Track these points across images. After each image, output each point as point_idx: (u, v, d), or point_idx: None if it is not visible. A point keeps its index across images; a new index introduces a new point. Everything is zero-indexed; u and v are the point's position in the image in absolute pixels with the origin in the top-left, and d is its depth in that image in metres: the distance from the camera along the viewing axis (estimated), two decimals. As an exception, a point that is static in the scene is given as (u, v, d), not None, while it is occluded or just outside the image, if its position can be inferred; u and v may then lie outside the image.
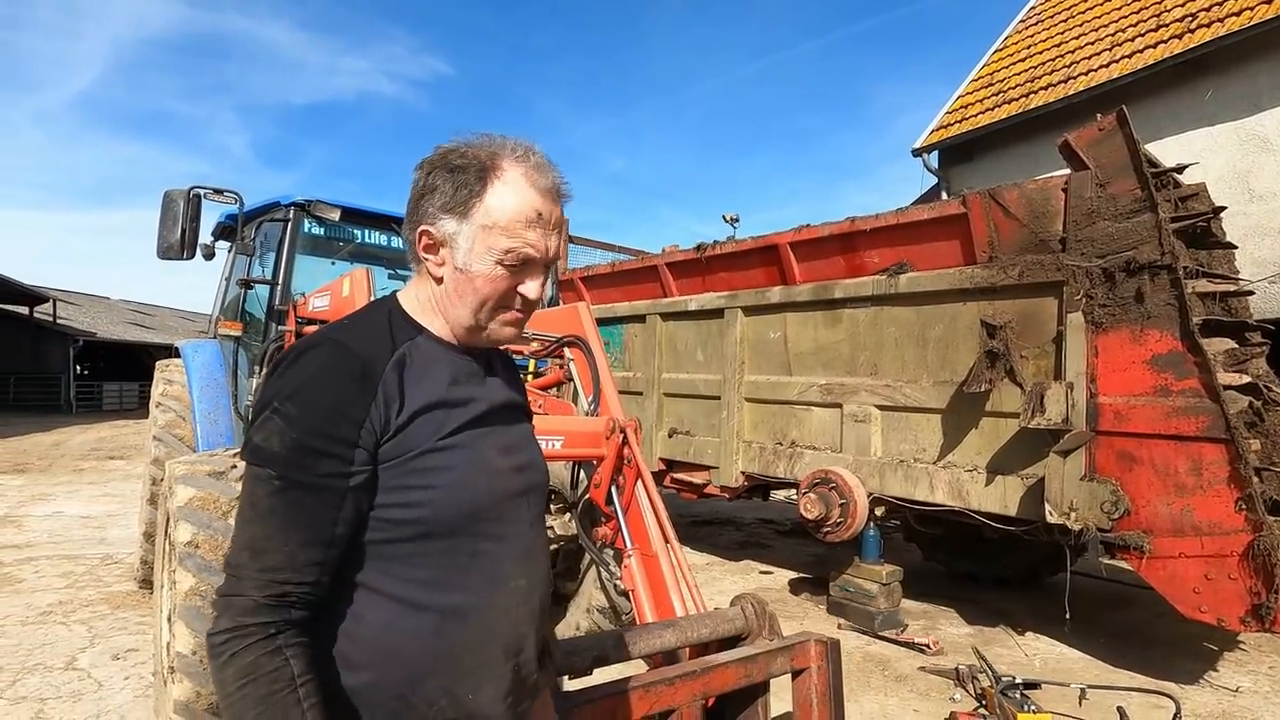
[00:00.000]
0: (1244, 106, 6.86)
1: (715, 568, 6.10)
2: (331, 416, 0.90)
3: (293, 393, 0.91)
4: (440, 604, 0.96)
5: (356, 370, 0.93)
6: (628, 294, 6.70)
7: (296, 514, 0.88)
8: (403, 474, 0.94)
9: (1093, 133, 3.76)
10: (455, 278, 1.02)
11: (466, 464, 0.99)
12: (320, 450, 0.89)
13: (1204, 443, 3.42)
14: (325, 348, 0.94)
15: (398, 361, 0.98)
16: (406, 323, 1.05)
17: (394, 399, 0.95)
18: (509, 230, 0.99)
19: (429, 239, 1.02)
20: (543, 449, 2.83)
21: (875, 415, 4.71)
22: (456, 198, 0.99)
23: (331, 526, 0.90)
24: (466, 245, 1.00)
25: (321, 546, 0.90)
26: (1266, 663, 4.13)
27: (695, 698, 1.77)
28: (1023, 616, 4.82)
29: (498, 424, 1.07)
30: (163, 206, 3.78)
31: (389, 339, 1.01)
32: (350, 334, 0.99)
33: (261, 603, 0.86)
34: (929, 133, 9.74)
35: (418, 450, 0.95)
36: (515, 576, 1.04)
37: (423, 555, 0.95)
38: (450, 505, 0.96)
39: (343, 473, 0.90)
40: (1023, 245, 4.03)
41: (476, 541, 0.99)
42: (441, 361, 1.04)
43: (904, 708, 3.44)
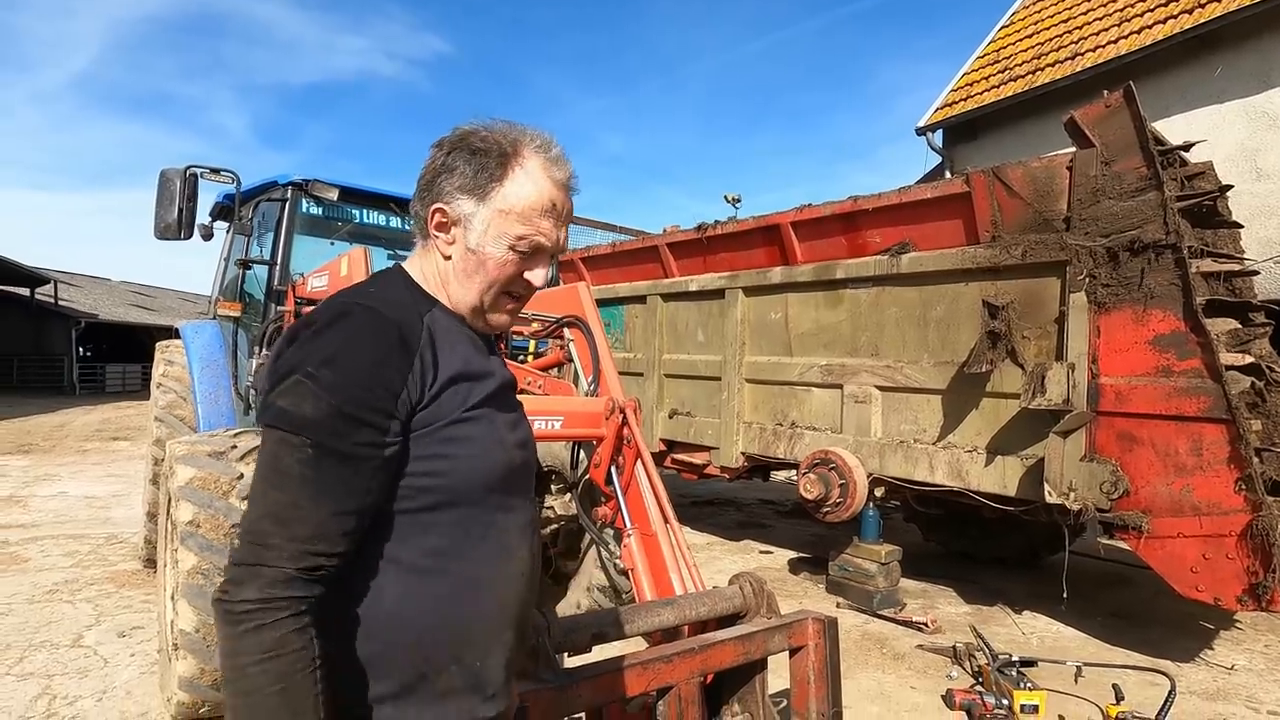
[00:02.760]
0: (1254, 84, 6.76)
1: (715, 547, 6.14)
2: (371, 385, 0.89)
3: (329, 358, 0.89)
4: (456, 573, 0.97)
5: (394, 338, 0.93)
6: (628, 275, 6.67)
7: (330, 483, 0.87)
8: (431, 443, 0.95)
9: (1099, 110, 3.71)
10: (465, 258, 1.03)
11: (486, 436, 1.00)
12: (358, 419, 0.88)
13: (1205, 423, 3.41)
14: (361, 313, 0.93)
15: (429, 330, 0.99)
16: (421, 296, 1.06)
17: (430, 368, 0.95)
18: (525, 217, 1.01)
19: (443, 217, 1.03)
20: (542, 429, 2.84)
21: (876, 396, 4.70)
22: (477, 180, 1.01)
23: (364, 496, 0.89)
24: (481, 228, 1.01)
25: (354, 517, 0.89)
26: (1262, 641, 4.16)
27: (693, 675, 1.79)
28: (1020, 596, 4.85)
29: (505, 400, 1.09)
30: (159, 186, 3.75)
31: (414, 308, 1.01)
32: (381, 300, 0.98)
33: (295, 575, 0.85)
34: (933, 111, 9.62)
35: (446, 420, 0.96)
36: (520, 548, 1.06)
37: (441, 525, 0.96)
38: (471, 475, 0.98)
39: (378, 442, 0.90)
40: (1026, 224, 4.00)
41: (490, 513, 1.01)
42: (458, 334, 1.05)
43: (901, 685, 3.47)
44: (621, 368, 5.40)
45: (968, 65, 9.92)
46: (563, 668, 1.67)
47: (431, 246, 1.07)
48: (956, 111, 9.24)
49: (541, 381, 3.51)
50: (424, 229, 1.07)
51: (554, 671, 1.61)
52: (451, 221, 1.03)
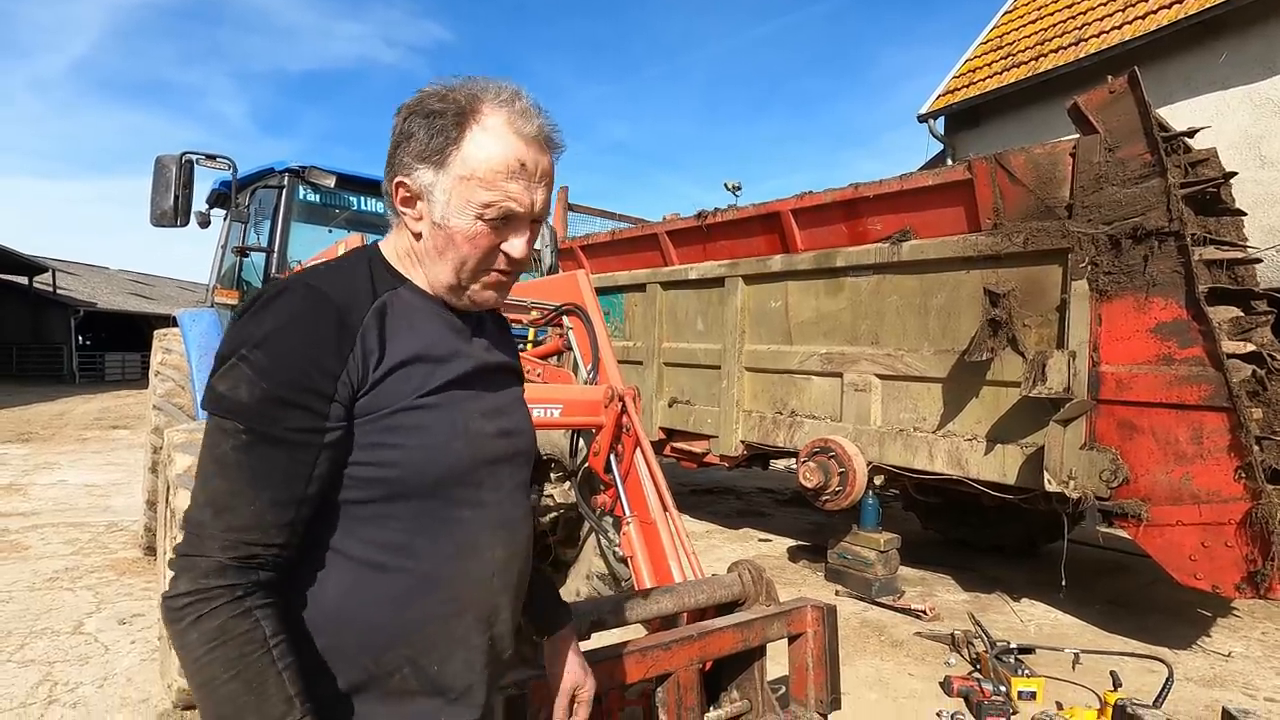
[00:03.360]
0: (1259, 70, 6.70)
1: (715, 536, 6.15)
2: (305, 367, 0.84)
3: (262, 340, 0.84)
4: (407, 570, 0.91)
5: (332, 318, 0.87)
6: (628, 262, 6.64)
7: (265, 470, 0.83)
8: (378, 431, 0.89)
9: (1103, 95, 3.68)
10: (434, 233, 0.96)
11: (444, 425, 0.93)
12: (292, 403, 0.83)
13: (1205, 411, 3.41)
14: (298, 293, 0.88)
15: (378, 310, 0.92)
16: (388, 272, 0.99)
17: (373, 350, 0.89)
18: (488, 181, 0.92)
19: (405, 191, 0.96)
20: (540, 417, 2.82)
21: (875, 384, 4.69)
22: (432, 145, 0.92)
23: (303, 484, 0.85)
24: (443, 198, 0.93)
25: (292, 506, 0.85)
26: (1259, 628, 4.18)
27: (692, 662, 1.79)
28: (1019, 583, 4.87)
29: (484, 386, 1.02)
30: (155, 173, 3.72)
31: (369, 286, 0.95)
32: (326, 279, 0.92)
33: (227, 564, 0.81)
34: (935, 98, 9.55)
35: (393, 407, 0.90)
36: (491, 546, 0.99)
37: (392, 518, 0.91)
38: (423, 467, 0.91)
39: (316, 428, 0.85)
40: (1028, 212, 3.97)
41: (451, 508, 0.94)
42: (425, 315, 0.98)
43: (899, 672, 3.49)
44: (621, 356, 5.40)
45: (970, 52, 9.83)
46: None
47: (402, 224, 1.00)
48: (959, 98, 9.17)
49: (541, 369, 3.50)
50: (392, 206, 1.00)
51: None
52: (415, 195, 0.96)
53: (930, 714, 3.05)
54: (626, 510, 2.72)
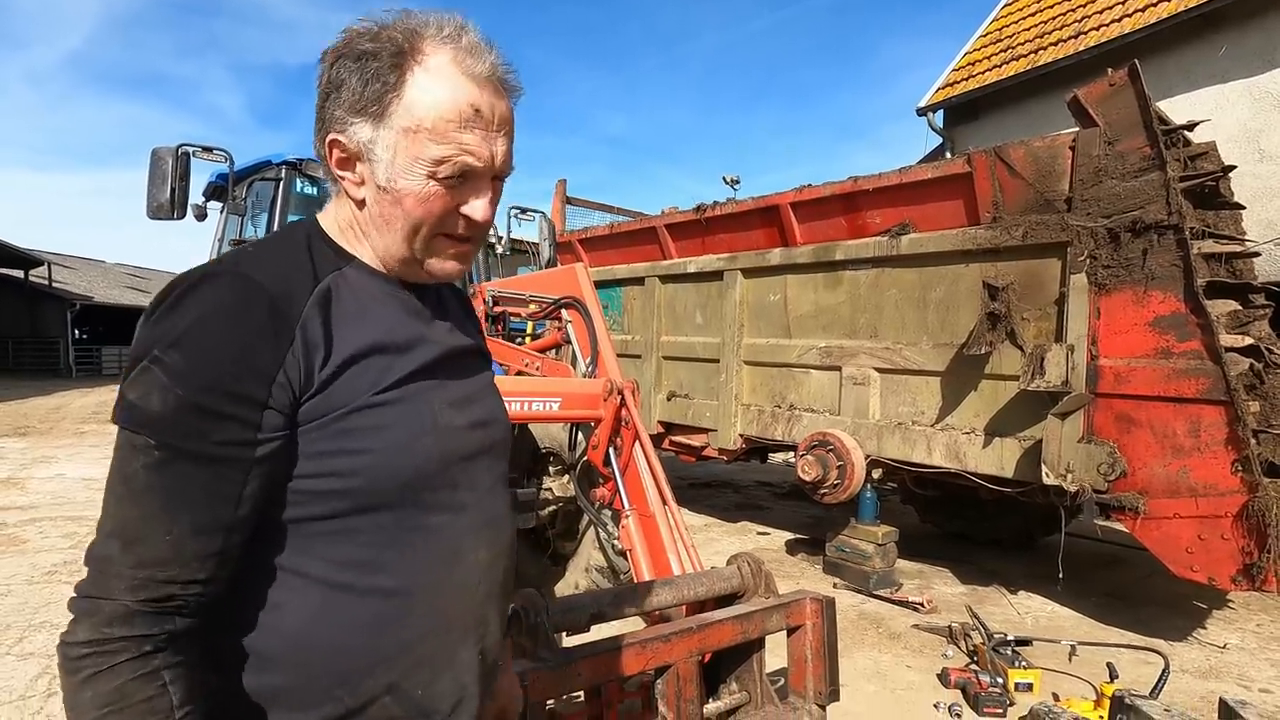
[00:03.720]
0: (1258, 63, 6.69)
1: (713, 529, 6.17)
2: (231, 369, 0.71)
3: (178, 338, 0.71)
4: (381, 587, 0.80)
5: (264, 309, 0.74)
6: (626, 256, 6.63)
7: (184, 492, 0.71)
8: (329, 437, 0.77)
9: (1103, 88, 3.67)
10: (379, 199, 0.83)
11: (409, 422, 0.82)
12: (216, 412, 0.71)
13: (1203, 404, 3.41)
14: (221, 281, 0.74)
15: (321, 297, 0.79)
16: (331, 249, 0.86)
17: (317, 345, 0.76)
18: (438, 133, 0.79)
19: (341, 150, 0.83)
20: (539, 410, 2.82)
21: (874, 378, 4.70)
22: (367, 94, 0.78)
23: (231, 507, 0.72)
24: (387, 156, 0.80)
25: (218, 533, 0.72)
26: (1254, 620, 4.20)
27: (691, 654, 1.79)
28: (1016, 576, 4.89)
29: (450, 373, 0.90)
30: (151, 165, 3.71)
31: (309, 269, 0.81)
32: (256, 263, 0.78)
33: (135, 609, 0.68)
34: (934, 91, 9.53)
35: (348, 407, 0.77)
36: (474, 549, 0.88)
37: (357, 532, 0.79)
38: (388, 473, 0.79)
39: (246, 440, 0.72)
40: (1027, 205, 3.97)
41: (424, 513, 0.83)
42: (377, 298, 0.85)
43: (897, 664, 3.50)
44: (619, 349, 5.39)
45: (970, 44, 9.81)
46: (561, 647, 1.67)
47: (342, 191, 0.87)
48: (958, 91, 9.15)
49: (539, 363, 3.50)
50: (327, 170, 0.86)
51: (552, 651, 1.61)
52: (353, 155, 0.82)
53: (928, 705, 3.06)
54: (625, 503, 2.73)
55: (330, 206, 0.91)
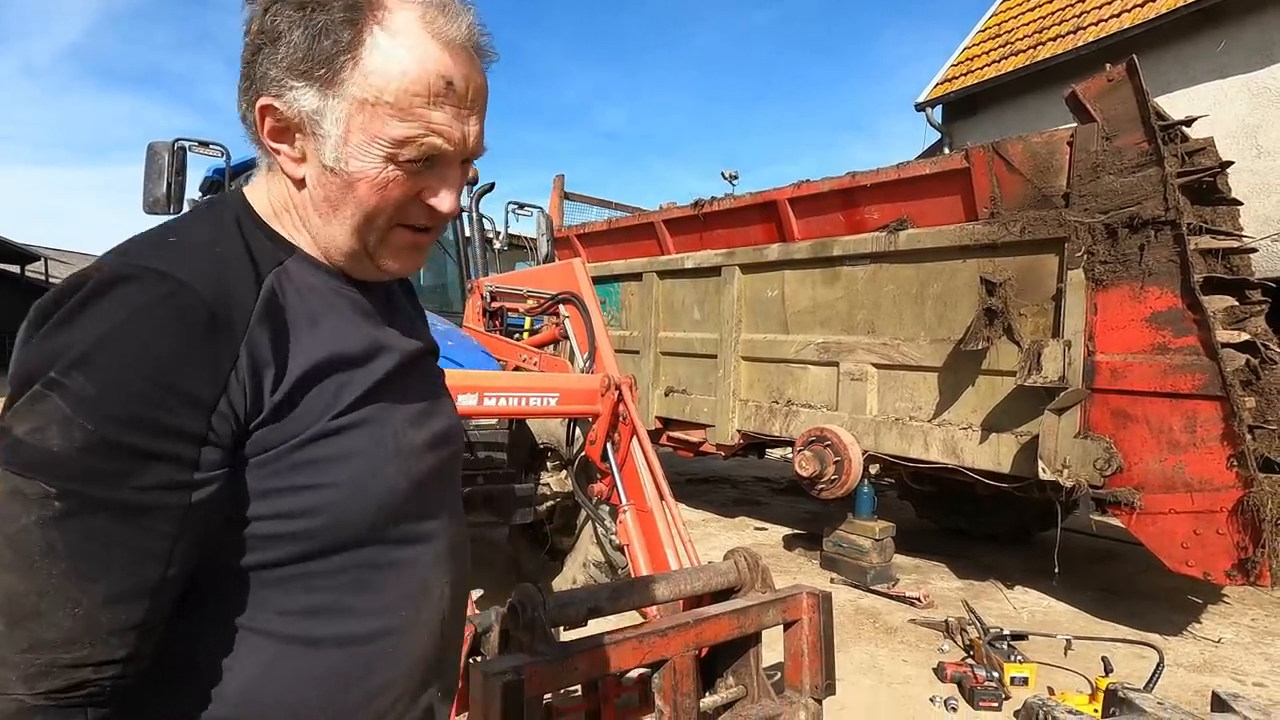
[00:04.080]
0: (1256, 59, 6.69)
1: (710, 524, 6.18)
2: (159, 396, 0.56)
3: (84, 356, 0.55)
4: (343, 635, 0.69)
5: (200, 318, 0.59)
6: (624, 251, 6.62)
7: (96, 554, 0.56)
8: (281, 472, 0.64)
9: (1101, 84, 3.67)
10: (324, 181, 0.68)
11: (373, 449, 0.69)
12: (138, 450, 0.56)
13: (1199, 400, 3.42)
14: (142, 283, 0.58)
15: (267, 302, 0.65)
16: (268, 237, 0.71)
17: (267, 363, 0.63)
18: (402, 108, 0.65)
19: (275, 119, 0.67)
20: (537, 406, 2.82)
21: (871, 373, 4.70)
22: (314, 53, 0.64)
23: (160, 567, 0.58)
24: (337, 131, 0.65)
25: (141, 600, 0.58)
26: (1249, 615, 4.22)
27: (688, 648, 1.80)
28: (1012, 571, 4.90)
29: (408, 383, 0.77)
30: (147, 160, 3.70)
31: (248, 264, 0.66)
32: (182, 257, 0.62)
33: (34, 704, 0.54)
34: (933, 86, 9.52)
35: (303, 436, 0.64)
36: (440, 581, 0.78)
37: (316, 576, 0.67)
38: (352, 509, 0.68)
39: (179, 482, 0.58)
40: (1025, 201, 3.97)
41: (389, 549, 0.72)
42: (326, 299, 0.71)
43: (893, 658, 3.52)
44: (618, 345, 5.39)
45: (968, 40, 9.79)
46: (558, 641, 1.68)
47: (275, 166, 0.71)
48: (956, 87, 9.14)
49: (537, 358, 3.50)
50: (256, 139, 0.70)
51: (549, 645, 1.61)
52: (292, 126, 0.67)
53: (924, 699, 3.08)
54: (623, 499, 2.73)
55: (259, 180, 0.75)
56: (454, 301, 4.90)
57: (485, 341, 3.66)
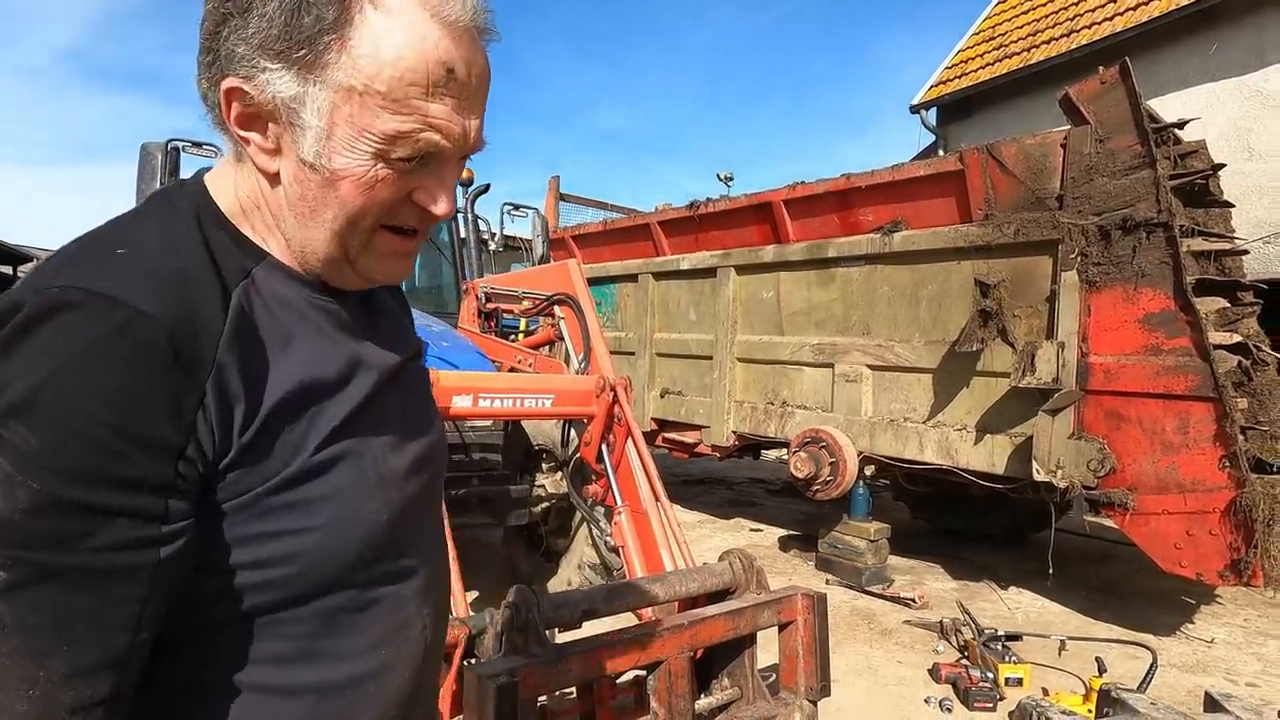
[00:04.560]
0: (1250, 62, 6.73)
1: (706, 525, 6.18)
2: (119, 444, 0.49)
3: (25, 401, 0.48)
4: (319, 683, 0.63)
5: (161, 353, 0.51)
6: (620, 253, 6.63)
7: (54, 626, 0.49)
8: (253, 518, 0.57)
9: (1094, 86, 3.69)
10: (302, 177, 0.59)
11: (353, 485, 0.63)
12: (96, 508, 0.49)
13: (1192, 401, 3.44)
14: (91, 313, 0.50)
15: (237, 323, 0.57)
16: (233, 240, 0.62)
17: (237, 398, 0.55)
18: (396, 100, 0.56)
19: (245, 104, 0.58)
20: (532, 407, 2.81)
21: (866, 375, 4.71)
22: (294, 31, 0.55)
23: (127, 634, 0.52)
24: (318, 123, 0.57)
25: (108, 672, 0.51)
26: (1241, 615, 4.24)
27: (683, 649, 1.79)
28: (1006, 572, 4.92)
29: (390, 400, 0.69)
30: (140, 160, 3.69)
31: (213, 277, 0.58)
32: (138, 277, 0.53)
33: None
34: (927, 89, 9.55)
35: (278, 479, 0.58)
36: (421, 617, 0.72)
37: (290, 623, 0.61)
38: (332, 553, 0.61)
39: (146, 539, 0.51)
40: (1019, 203, 3.99)
41: (368, 589, 0.66)
42: (300, 312, 0.63)
43: (888, 659, 3.52)
44: (613, 346, 5.39)
45: (962, 42, 9.84)
46: (553, 643, 1.68)
47: (243, 157, 0.62)
48: (951, 89, 9.17)
49: (532, 360, 3.50)
50: (221, 123, 0.60)
51: (544, 647, 1.61)
52: (264, 114, 0.58)
53: (919, 700, 3.08)
54: (618, 500, 2.73)
55: (225, 170, 0.65)
56: (449, 303, 4.89)
57: (480, 343, 3.66)
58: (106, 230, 0.59)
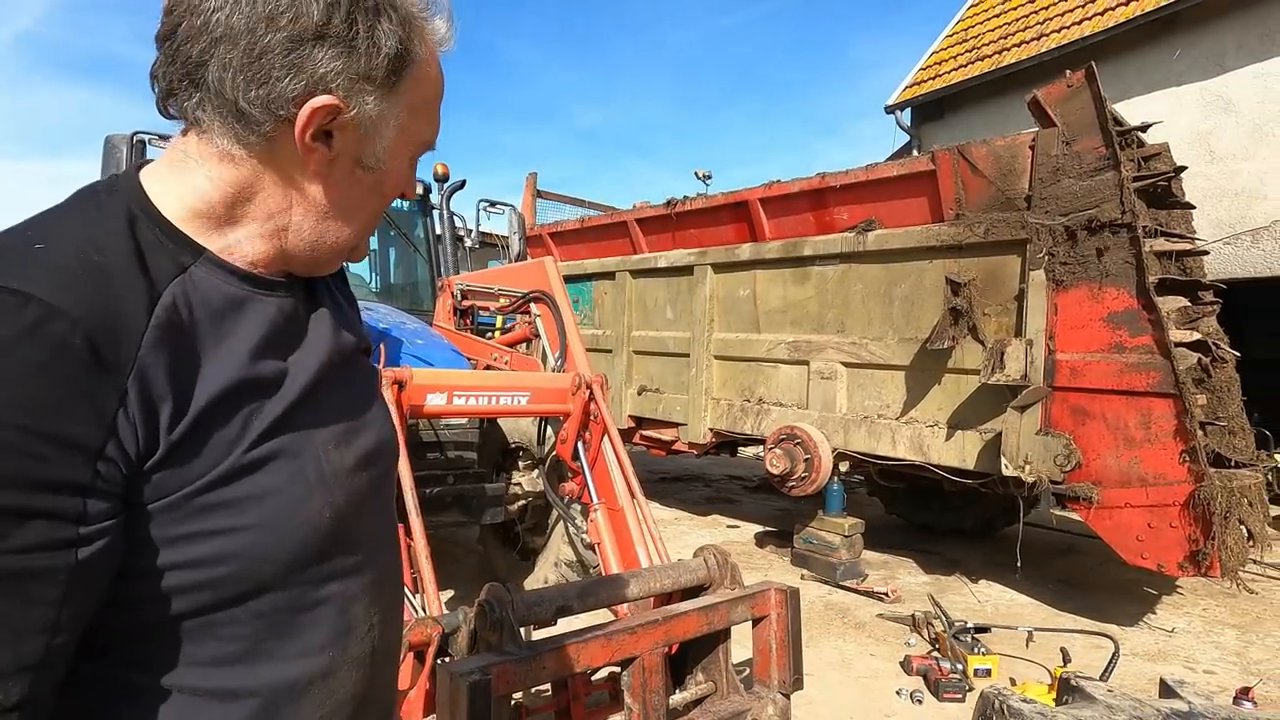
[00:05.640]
0: (1210, 67, 6.92)
1: (683, 522, 6.21)
2: (33, 445, 0.49)
3: None
4: (260, 685, 0.63)
5: (77, 351, 0.51)
6: (597, 250, 6.62)
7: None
8: (184, 518, 0.57)
9: (1061, 89, 3.76)
10: (355, 180, 0.66)
11: (291, 483, 0.62)
12: (12, 510, 0.49)
13: (1154, 398, 3.53)
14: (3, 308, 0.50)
15: (165, 324, 0.56)
16: (169, 239, 0.61)
17: (162, 397, 0.55)
18: (432, 110, 0.70)
19: (331, 120, 0.62)
20: (508, 405, 2.80)
21: (841, 372, 4.77)
22: (382, 59, 0.62)
23: (44, 637, 0.51)
24: (391, 134, 0.66)
25: (23, 676, 0.51)
26: (1200, 605, 4.37)
27: (657, 645, 1.81)
28: (977, 565, 5.01)
29: (333, 392, 0.70)
30: (104, 153, 3.60)
31: (139, 275, 0.57)
32: (53, 272, 0.53)
33: None
34: (902, 89, 9.67)
35: (209, 478, 0.57)
36: (368, 616, 0.71)
37: (226, 624, 0.61)
38: (267, 553, 0.61)
39: (62, 540, 0.51)
40: (989, 203, 4.06)
41: (311, 589, 0.65)
42: (237, 307, 0.63)
43: (861, 652, 3.58)
44: (590, 344, 5.39)
45: (936, 44, 9.97)
46: (527, 641, 1.68)
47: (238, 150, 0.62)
48: (924, 90, 9.29)
49: (508, 357, 3.48)
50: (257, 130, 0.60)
51: (518, 645, 1.61)
52: (341, 126, 0.63)
53: (890, 692, 3.14)
54: (594, 497, 2.73)
55: (164, 172, 0.64)
56: (424, 300, 4.85)
57: (456, 340, 3.64)
58: (26, 225, 0.58)
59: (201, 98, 0.61)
